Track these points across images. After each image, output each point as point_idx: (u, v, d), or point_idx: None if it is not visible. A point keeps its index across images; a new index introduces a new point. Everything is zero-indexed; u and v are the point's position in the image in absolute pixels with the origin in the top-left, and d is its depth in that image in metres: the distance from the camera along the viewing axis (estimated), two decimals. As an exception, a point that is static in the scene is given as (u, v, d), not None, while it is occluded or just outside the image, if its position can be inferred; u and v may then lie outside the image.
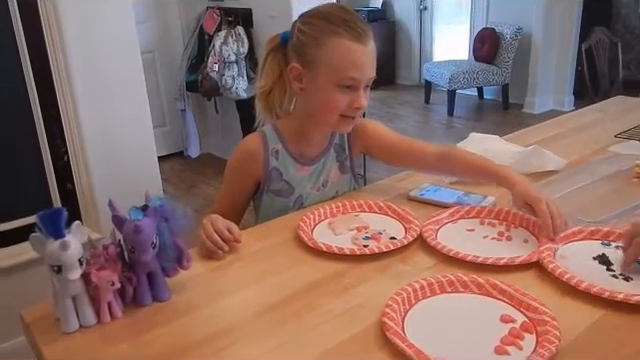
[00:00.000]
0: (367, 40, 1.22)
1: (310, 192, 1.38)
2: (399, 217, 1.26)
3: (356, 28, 1.20)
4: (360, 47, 1.20)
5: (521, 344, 0.81)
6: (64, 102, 1.98)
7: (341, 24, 1.20)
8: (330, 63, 1.21)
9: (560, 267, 0.99)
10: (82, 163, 2.06)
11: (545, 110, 5.63)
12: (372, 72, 1.25)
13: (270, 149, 1.33)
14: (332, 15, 1.22)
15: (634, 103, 2.25)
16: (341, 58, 1.21)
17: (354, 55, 1.20)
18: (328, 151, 1.40)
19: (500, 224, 1.21)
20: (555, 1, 5.36)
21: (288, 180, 1.35)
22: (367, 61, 1.23)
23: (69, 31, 1.92)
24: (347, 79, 1.21)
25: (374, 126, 1.43)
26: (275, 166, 1.34)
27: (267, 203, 1.36)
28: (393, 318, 0.85)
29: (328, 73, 1.22)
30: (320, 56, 1.22)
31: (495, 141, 1.63)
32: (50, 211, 0.84)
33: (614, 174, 1.46)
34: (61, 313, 0.88)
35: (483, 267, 1.01)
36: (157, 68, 4.34)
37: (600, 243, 1.10)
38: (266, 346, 0.84)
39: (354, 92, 1.23)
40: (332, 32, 1.20)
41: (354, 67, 1.21)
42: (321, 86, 1.24)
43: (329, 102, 1.25)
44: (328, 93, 1.24)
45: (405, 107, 6.21)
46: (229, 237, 1.12)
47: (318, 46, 1.22)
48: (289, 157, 1.35)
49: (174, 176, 4.24)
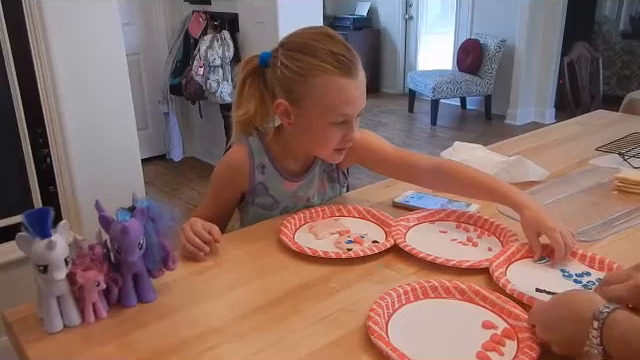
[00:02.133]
0: (357, 72, 1.16)
1: (297, 204, 1.36)
2: (379, 221, 1.27)
3: (344, 61, 1.14)
4: (350, 82, 1.15)
5: (502, 350, 0.82)
6: (47, 104, 1.96)
7: (328, 58, 1.13)
8: (321, 102, 1.16)
9: (505, 277, 1.00)
10: (65, 165, 2.04)
11: (527, 122, 5.71)
12: (364, 103, 1.20)
13: (256, 163, 1.30)
14: (318, 49, 1.14)
15: (614, 117, 2.30)
16: (332, 97, 1.15)
17: (345, 92, 1.15)
18: (315, 166, 1.36)
19: (474, 230, 1.24)
20: (538, 14, 5.44)
21: (274, 195, 1.33)
22: (359, 95, 1.18)
23: (53, 33, 1.91)
24: (340, 116, 1.17)
25: (369, 138, 1.35)
26: (261, 181, 1.31)
27: (252, 215, 1.35)
28: (377, 322, 0.86)
29: (319, 112, 1.17)
30: (309, 95, 1.16)
31: (479, 150, 1.65)
32: (37, 210, 0.84)
33: (594, 186, 1.49)
34: (45, 313, 0.88)
35: (439, 267, 1.05)
36: (141, 71, 4.32)
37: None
38: (251, 348, 0.85)
39: (347, 126, 1.19)
40: (320, 69, 1.13)
41: (346, 104, 1.16)
42: (313, 125, 1.19)
43: (323, 140, 1.22)
44: (321, 131, 1.20)
45: (389, 115, 6.24)
46: (208, 238, 1.12)
47: (306, 84, 1.15)
48: (276, 172, 1.31)
49: (157, 179, 4.22)
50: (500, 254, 1.08)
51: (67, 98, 1.99)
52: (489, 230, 1.22)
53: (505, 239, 1.16)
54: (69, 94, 2.00)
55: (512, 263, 1.07)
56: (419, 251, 1.10)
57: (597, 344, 0.70)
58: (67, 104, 2.00)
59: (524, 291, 0.94)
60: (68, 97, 2.00)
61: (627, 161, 1.63)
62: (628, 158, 1.64)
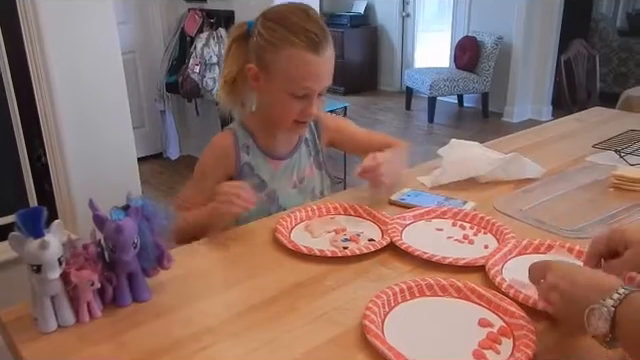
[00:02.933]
0: (324, 49, 1.22)
1: (287, 189, 1.39)
2: (375, 219, 1.27)
3: (314, 38, 1.20)
4: (316, 58, 1.21)
5: (499, 348, 0.82)
6: (42, 102, 1.95)
7: (299, 33, 1.20)
8: (285, 73, 1.23)
9: (500, 275, 1.00)
10: (60, 164, 2.03)
11: (524, 119, 5.71)
12: (327, 81, 1.27)
13: (241, 145, 1.36)
14: (291, 22, 1.22)
15: (611, 114, 2.30)
16: (296, 69, 1.22)
17: (309, 67, 1.22)
18: (299, 147, 1.43)
19: (471, 228, 1.23)
20: (535, 12, 5.44)
21: (259, 174, 1.37)
22: (322, 72, 1.25)
23: (48, 31, 1.90)
24: (301, 89, 1.24)
25: (341, 122, 1.55)
26: (247, 161, 1.36)
27: None
28: (373, 321, 0.85)
29: (283, 82, 1.24)
30: (276, 64, 1.23)
31: (475, 147, 1.65)
32: (30, 210, 0.84)
33: (591, 183, 1.49)
34: (39, 313, 0.87)
35: (435, 265, 1.05)
36: (137, 69, 4.31)
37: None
38: (247, 347, 0.84)
39: (307, 100, 1.26)
40: (289, 42, 1.20)
41: (309, 78, 1.23)
42: (275, 93, 1.27)
43: (282, 109, 1.29)
44: (282, 100, 1.26)
45: (386, 113, 6.24)
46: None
47: (275, 53, 1.22)
48: (260, 152, 1.37)
49: (153, 178, 4.21)
50: (496, 252, 1.08)
51: (62, 96, 1.98)
52: (485, 228, 1.22)
53: (501, 237, 1.16)
54: (64, 92, 1.99)
55: (508, 261, 1.07)
56: (415, 249, 1.10)
57: (611, 308, 0.68)
58: (62, 103, 1.98)
59: (521, 287, 0.94)
60: (63, 95, 1.98)
61: (624, 158, 1.63)
62: (625, 155, 1.64)
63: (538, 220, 1.25)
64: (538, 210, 1.31)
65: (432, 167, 1.56)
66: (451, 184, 1.46)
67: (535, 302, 0.90)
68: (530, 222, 1.25)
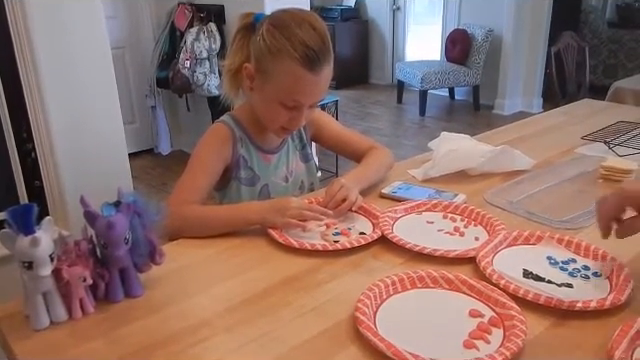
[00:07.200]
0: (321, 68, 1.21)
1: (277, 182, 1.41)
2: (366, 213, 1.27)
3: (313, 55, 1.18)
4: (311, 76, 1.20)
5: (489, 338, 0.83)
6: (31, 98, 1.94)
7: (299, 47, 1.18)
8: (278, 82, 1.23)
9: (491, 266, 1.01)
10: (50, 160, 2.02)
11: (514, 112, 5.73)
12: (320, 97, 1.29)
13: (237, 136, 1.36)
14: (294, 34, 1.19)
15: (600, 106, 2.31)
16: (289, 82, 1.22)
17: (302, 82, 1.21)
18: (287, 140, 1.44)
19: (462, 220, 1.24)
20: (525, 4, 5.45)
21: (253, 168, 1.38)
22: (316, 90, 1.25)
23: (36, 26, 1.88)
24: (291, 101, 1.24)
25: (325, 118, 1.55)
26: (242, 153, 1.37)
27: (233, 191, 1.38)
28: (365, 313, 0.86)
29: (275, 90, 1.24)
30: (272, 72, 1.22)
31: (466, 140, 1.65)
32: (20, 207, 0.83)
33: (580, 175, 1.50)
34: (31, 310, 0.87)
35: (426, 258, 1.06)
36: (127, 64, 4.29)
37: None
38: (240, 340, 0.85)
39: (296, 111, 1.27)
40: (287, 54, 1.18)
41: (301, 93, 1.23)
42: (266, 98, 1.27)
43: (271, 115, 1.30)
44: (271, 107, 1.27)
45: (378, 106, 6.25)
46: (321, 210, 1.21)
47: (272, 61, 1.21)
48: (252, 145, 1.38)
49: (145, 173, 4.20)
50: (486, 243, 1.09)
51: (51, 92, 1.97)
52: (476, 220, 1.23)
53: (491, 229, 1.17)
54: (53, 88, 1.97)
55: (498, 252, 1.08)
56: (406, 242, 1.10)
57: None
58: (51, 99, 1.97)
59: (511, 277, 0.95)
60: (52, 91, 1.97)
61: (612, 149, 1.64)
62: (613, 146, 1.65)
63: (528, 212, 1.26)
64: (528, 202, 1.32)
65: (423, 160, 1.57)
66: (442, 177, 1.47)
67: (525, 292, 0.91)
68: (520, 214, 1.26)
